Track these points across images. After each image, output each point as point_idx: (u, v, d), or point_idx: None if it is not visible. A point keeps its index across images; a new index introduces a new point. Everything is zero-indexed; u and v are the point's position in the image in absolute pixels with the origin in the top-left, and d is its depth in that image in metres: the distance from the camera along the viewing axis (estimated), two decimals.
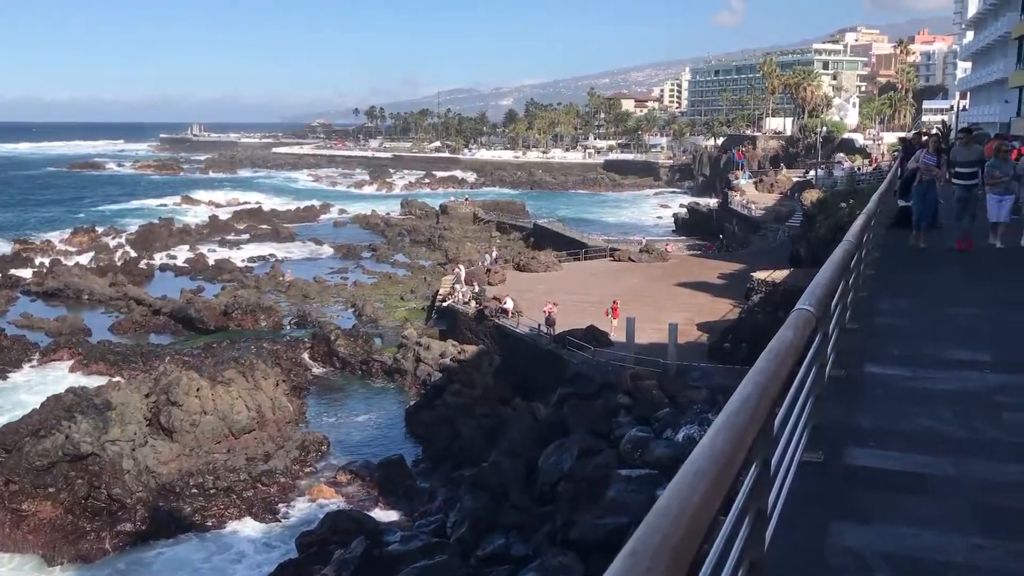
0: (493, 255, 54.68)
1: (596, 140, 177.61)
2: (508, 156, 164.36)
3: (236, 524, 24.42)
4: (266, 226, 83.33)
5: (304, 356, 38.91)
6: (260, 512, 24.98)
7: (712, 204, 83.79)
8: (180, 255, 67.22)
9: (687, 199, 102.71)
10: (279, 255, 68.47)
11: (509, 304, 36.53)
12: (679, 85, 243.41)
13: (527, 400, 29.35)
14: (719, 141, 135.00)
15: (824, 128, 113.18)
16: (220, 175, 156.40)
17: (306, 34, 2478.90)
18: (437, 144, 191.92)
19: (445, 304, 41.17)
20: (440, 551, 19.80)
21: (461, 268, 44.98)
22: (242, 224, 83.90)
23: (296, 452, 27.97)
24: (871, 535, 3.97)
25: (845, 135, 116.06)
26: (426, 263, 64.55)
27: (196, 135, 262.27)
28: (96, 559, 22.68)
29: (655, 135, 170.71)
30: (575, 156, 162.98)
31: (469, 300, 39.65)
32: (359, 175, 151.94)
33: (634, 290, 41.48)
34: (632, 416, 24.57)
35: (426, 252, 69.88)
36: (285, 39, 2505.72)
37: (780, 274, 34.88)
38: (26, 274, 57.82)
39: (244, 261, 65.02)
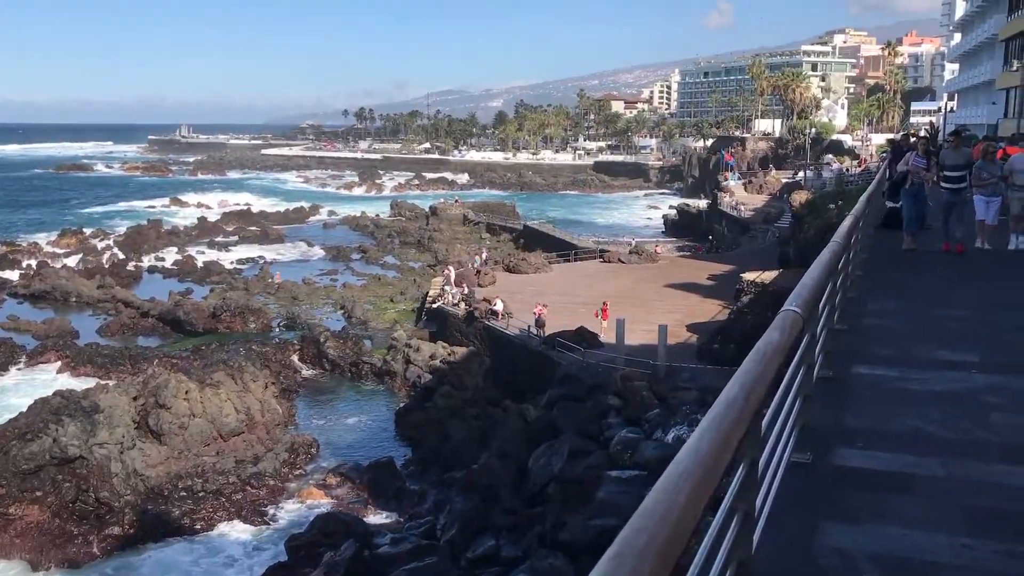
0: (483, 256, 54.64)
1: (586, 141, 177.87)
2: (498, 157, 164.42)
3: (225, 527, 24.32)
4: (255, 228, 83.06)
5: (293, 358, 38.80)
6: (249, 515, 24.88)
7: (701, 205, 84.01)
8: (168, 257, 66.95)
9: (677, 200, 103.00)
10: (268, 257, 68.32)
11: (499, 306, 36.50)
12: (669, 87, 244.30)
13: (517, 402, 29.33)
14: (708, 143, 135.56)
15: (813, 129, 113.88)
16: (209, 176, 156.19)
17: (295, 35, 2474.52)
18: (427, 145, 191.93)
19: (435, 306, 41.12)
20: (430, 553, 19.78)
21: (451, 270, 44.93)
22: (231, 226, 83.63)
23: (285, 454, 27.89)
24: (859, 535, 3.97)
25: (834, 136, 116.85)
26: (416, 265, 64.48)
27: (185, 136, 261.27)
28: (84, 563, 22.55)
29: (645, 136, 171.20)
30: (565, 157, 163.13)
31: (459, 302, 39.61)
32: (348, 177, 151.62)
33: (624, 291, 41.52)
34: (622, 417, 24.57)
35: (416, 254, 69.79)
36: (273, 40, 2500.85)
37: (769, 275, 34.98)
38: (13, 276, 57.54)
39: (233, 263, 64.83)
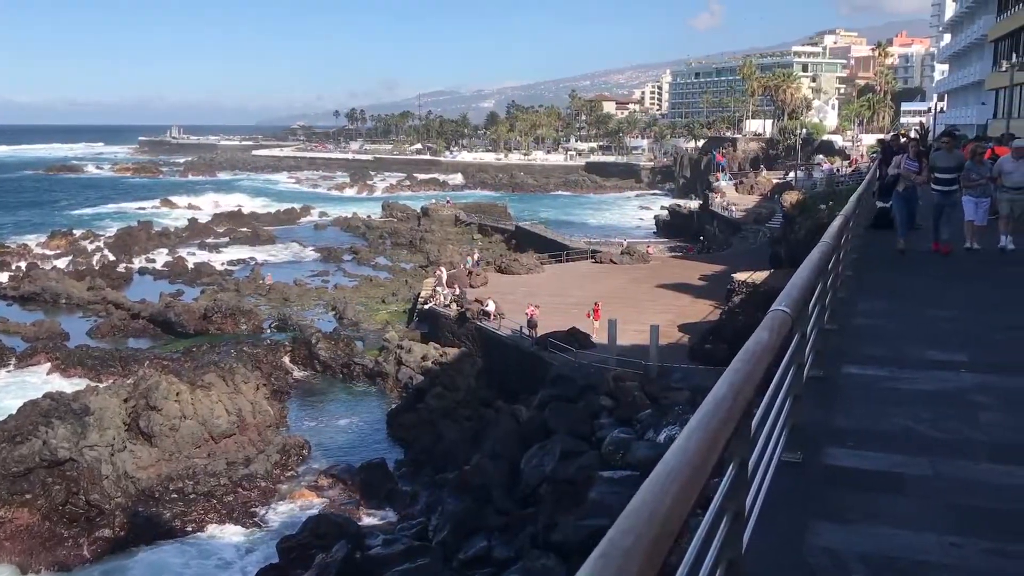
0: (475, 257, 54.63)
1: (578, 142, 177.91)
2: (490, 158, 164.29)
3: (216, 529, 24.25)
4: (246, 229, 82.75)
5: (285, 360, 38.71)
6: (241, 517, 24.80)
7: (693, 206, 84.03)
8: (159, 259, 66.73)
9: (668, 201, 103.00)
10: (259, 258, 68.10)
11: (491, 306, 36.49)
12: (660, 87, 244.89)
13: (509, 402, 29.31)
14: (700, 143, 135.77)
15: (804, 130, 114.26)
16: (200, 178, 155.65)
17: (285, 36, 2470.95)
18: (418, 146, 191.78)
19: (427, 307, 41.08)
20: (422, 554, 19.78)
21: (443, 270, 44.92)
22: (222, 227, 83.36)
23: (277, 456, 27.82)
24: (849, 535, 3.98)
25: (824, 137, 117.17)
26: (407, 266, 64.36)
27: (175, 138, 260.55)
28: (74, 566, 22.47)
29: (636, 137, 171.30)
30: (557, 158, 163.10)
31: (451, 303, 39.59)
32: (340, 178, 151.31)
33: (616, 292, 41.57)
34: (614, 418, 24.62)
35: (407, 255, 69.66)
36: (264, 41, 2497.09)
37: (761, 275, 35.04)
38: (2, 278, 57.28)
39: (224, 264, 64.65)
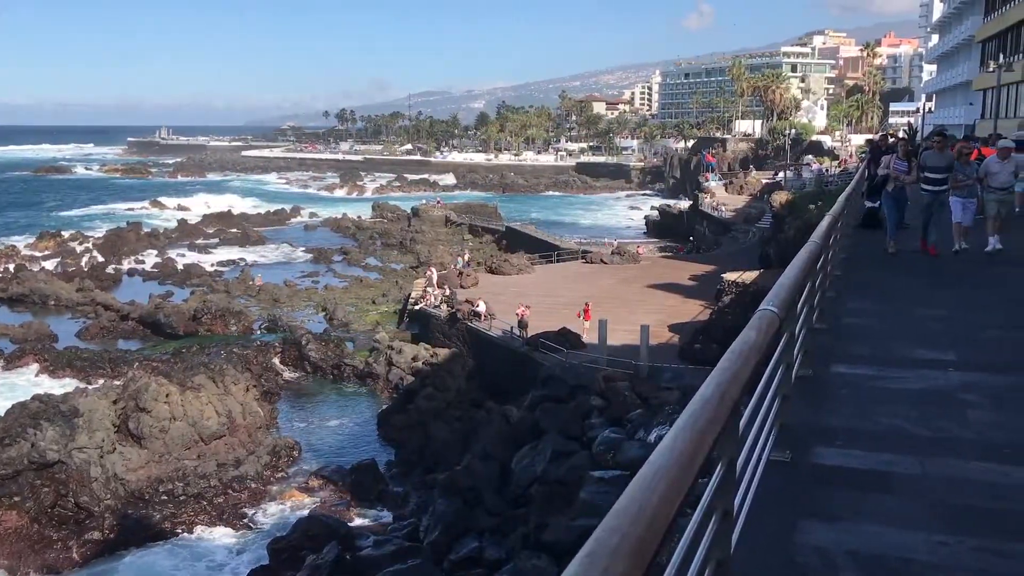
0: (465, 258, 54.61)
1: (568, 143, 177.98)
2: (480, 159, 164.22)
3: (207, 531, 24.17)
4: (236, 230, 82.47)
5: (275, 361, 38.58)
6: (231, 518, 24.74)
7: (683, 206, 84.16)
8: (148, 260, 66.47)
9: (658, 201, 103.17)
10: (249, 259, 67.93)
11: (481, 307, 36.48)
12: (650, 88, 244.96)
13: (500, 403, 29.31)
14: (689, 144, 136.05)
15: (793, 130, 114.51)
16: (189, 179, 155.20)
17: (274, 37, 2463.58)
18: (408, 147, 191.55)
19: (417, 307, 41.02)
20: (413, 555, 19.76)
21: (433, 271, 44.86)
22: (212, 228, 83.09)
23: (267, 457, 27.76)
24: (838, 533, 3.99)
25: (813, 137, 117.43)
26: (398, 266, 64.30)
27: (164, 139, 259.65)
28: (63, 569, 22.35)
29: (626, 138, 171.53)
30: (547, 159, 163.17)
31: (441, 303, 39.56)
32: (330, 178, 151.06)
33: (606, 292, 41.62)
34: (605, 418, 24.63)
35: (398, 255, 69.56)
36: (253, 42, 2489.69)
37: (750, 275, 35.16)
38: None
39: (214, 265, 64.41)
